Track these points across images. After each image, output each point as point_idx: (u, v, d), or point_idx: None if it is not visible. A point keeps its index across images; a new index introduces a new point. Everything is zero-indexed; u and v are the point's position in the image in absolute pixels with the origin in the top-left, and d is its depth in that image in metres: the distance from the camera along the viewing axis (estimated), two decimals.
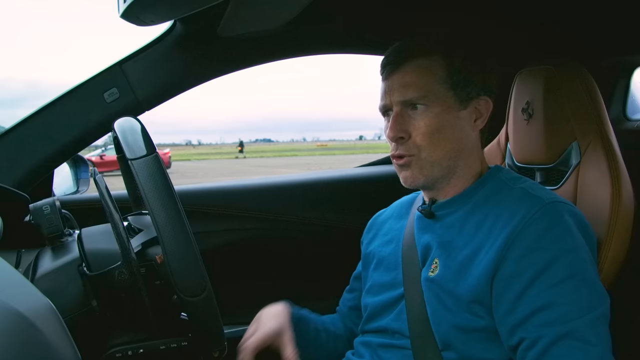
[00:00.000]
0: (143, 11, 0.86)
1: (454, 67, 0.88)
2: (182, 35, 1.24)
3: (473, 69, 0.89)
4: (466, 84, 0.88)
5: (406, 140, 0.88)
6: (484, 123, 0.92)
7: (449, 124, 0.87)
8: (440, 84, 0.87)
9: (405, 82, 0.87)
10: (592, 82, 1.04)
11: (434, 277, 0.86)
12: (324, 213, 1.53)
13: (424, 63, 0.88)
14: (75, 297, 0.80)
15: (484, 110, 0.91)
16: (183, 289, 0.67)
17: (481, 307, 0.81)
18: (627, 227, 0.93)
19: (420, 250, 0.92)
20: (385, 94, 0.90)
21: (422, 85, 0.87)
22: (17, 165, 1.18)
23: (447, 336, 0.83)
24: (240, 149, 37.91)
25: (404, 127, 0.88)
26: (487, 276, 0.80)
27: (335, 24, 1.36)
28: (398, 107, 0.88)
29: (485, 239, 0.82)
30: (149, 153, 0.71)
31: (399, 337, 0.91)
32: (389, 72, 0.90)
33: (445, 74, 0.87)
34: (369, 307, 0.99)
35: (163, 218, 0.68)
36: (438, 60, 0.88)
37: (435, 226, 0.92)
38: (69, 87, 1.23)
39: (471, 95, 0.89)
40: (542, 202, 0.81)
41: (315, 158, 30.51)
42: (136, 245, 0.81)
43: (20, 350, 0.45)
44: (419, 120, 0.87)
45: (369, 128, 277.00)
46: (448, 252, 0.87)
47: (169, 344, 0.81)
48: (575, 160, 1.03)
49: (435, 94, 0.86)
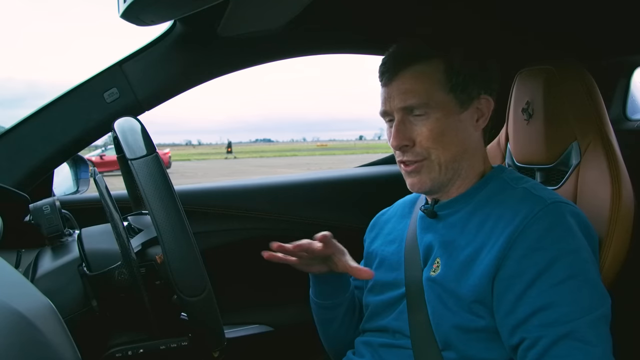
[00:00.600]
0: (143, 11, 0.86)
1: (453, 69, 0.87)
2: (182, 35, 1.24)
3: (472, 69, 0.89)
4: (466, 85, 0.88)
5: (411, 147, 0.88)
6: (486, 122, 0.91)
7: (450, 127, 0.87)
8: (440, 89, 0.87)
9: (405, 88, 0.87)
10: (592, 82, 1.04)
11: (436, 276, 0.87)
12: (324, 213, 1.53)
13: (422, 68, 0.87)
14: (75, 297, 0.80)
15: (485, 109, 0.90)
16: (183, 289, 0.67)
17: (482, 307, 0.81)
18: (627, 226, 0.93)
19: (422, 250, 0.92)
20: (386, 100, 0.90)
21: (421, 91, 0.86)
22: (17, 165, 1.18)
23: (448, 336, 0.83)
24: (229, 149, 37.77)
25: (407, 134, 0.87)
26: (488, 276, 0.80)
27: (336, 24, 1.36)
28: (399, 115, 0.88)
29: (487, 238, 0.82)
30: (149, 153, 0.71)
31: (399, 336, 0.91)
32: (387, 79, 0.89)
33: (444, 78, 0.87)
34: (371, 306, 0.99)
35: (163, 218, 0.67)
36: (437, 64, 0.87)
37: (438, 226, 0.92)
38: (68, 87, 1.23)
39: (472, 95, 0.89)
40: (544, 202, 0.81)
41: (315, 158, 30.51)
42: (136, 245, 0.81)
43: (20, 350, 0.45)
44: (421, 127, 0.87)
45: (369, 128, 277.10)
46: (450, 252, 0.87)
47: (169, 344, 0.81)
48: (576, 160, 1.03)
49: (435, 99, 0.86)
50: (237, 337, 1.45)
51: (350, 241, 1.18)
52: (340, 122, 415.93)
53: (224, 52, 1.29)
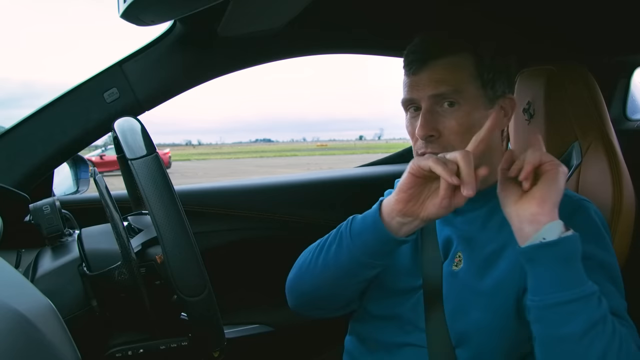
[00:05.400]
0: (143, 11, 0.86)
1: (484, 64, 0.86)
2: (182, 35, 1.24)
3: (501, 66, 0.88)
4: (495, 82, 0.87)
5: (436, 138, 0.85)
6: (509, 122, 0.91)
7: (478, 123, 0.85)
8: (471, 82, 0.85)
9: (437, 78, 0.84)
10: (593, 82, 1.04)
11: (458, 271, 0.86)
12: (324, 213, 1.53)
13: (455, 60, 0.85)
14: (75, 297, 0.80)
15: (509, 108, 0.90)
16: (183, 289, 0.67)
17: (501, 306, 0.81)
18: (629, 226, 0.94)
19: (442, 243, 0.91)
20: (412, 88, 0.87)
21: (453, 81, 0.84)
22: (17, 165, 1.18)
23: (463, 333, 0.83)
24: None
25: (434, 124, 0.85)
26: (513, 274, 0.80)
27: (336, 24, 1.36)
28: (427, 103, 0.85)
29: (512, 235, 0.80)
30: (149, 153, 0.71)
31: (411, 329, 0.89)
32: (416, 68, 0.86)
33: (475, 72, 0.85)
34: (385, 288, 0.93)
35: (163, 218, 0.67)
36: (468, 58, 0.86)
37: (456, 220, 0.91)
38: (68, 87, 1.23)
39: (498, 93, 0.88)
40: (572, 201, 0.83)
41: (315, 158, 30.50)
42: (136, 245, 0.81)
43: (20, 350, 0.45)
44: (451, 119, 0.85)
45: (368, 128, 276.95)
46: (472, 248, 0.86)
47: (169, 344, 0.81)
48: (577, 160, 1.03)
49: (466, 91, 0.85)
50: (237, 337, 1.45)
51: None
52: (340, 122, 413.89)
53: (224, 52, 1.28)
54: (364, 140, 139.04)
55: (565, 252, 0.70)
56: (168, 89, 1.27)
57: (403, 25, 1.35)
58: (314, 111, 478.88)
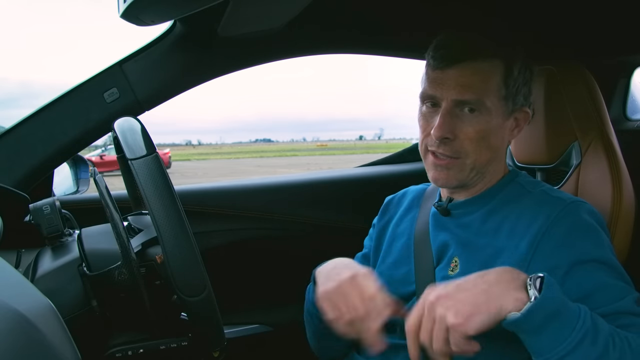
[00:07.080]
0: (143, 11, 0.86)
1: (512, 76, 0.85)
2: (182, 35, 1.24)
3: (526, 79, 0.88)
4: (517, 95, 0.87)
5: (451, 140, 0.85)
6: (519, 133, 0.92)
7: (493, 133, 0.86)
8: (496, 93, 0.85)
9: (464, 82, 0.83)
10: (593, 82, 1.04)
11: (454, 276, 0.86)
12: (324, 213, 1.53)
13: (485, 66, 0.84)
14: (75, 297, 0.80)
15: (522, 121, 0.90)
16: (183, 289, 0.67)
17: None
18: (628, 226, 0.94)
19: (436, 247, 0.91)
20: (436, 84, 0.85)
21: (480, 90, 0.83)
22: (17, 165, 1.18)
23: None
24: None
25: (451, 127, 0.84)
26: None
27: (336, 24, 1.36)
28: (449, 105, 0.84)
29: (508, 240, 0.83)
30: (149, 153, 0.71)
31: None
32: (445, 65, 0.84)
33: (502, 82, 0.85)
34: None
35: (163, 218, 0.68)
36: (498, 66, 0.85)
37: (450, 224, 0.92)
38: (67, 87, 1.23)
39: (517, 106, 0.88)
40: (564, 203, 0.83)
41: (315, 158, 30.51)
42: (136, 245, 0.81)
43: (20, 350, 0.45)
44: (469, 125, 0.84)
45: (368, 128, 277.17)
46: (469, 252, 0.86)
47: (169, 344, 0.81)
48: (576, 160, 1.03)
49: (490, 101, 0.84)
50: (237, 337, 1.45)
51: (350, 241, 1.19)
52: (340, 122, 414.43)
53: (224, 52, 1.28)
54: (364, 140, 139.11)
55: (540, 318, 0.66)
56: (168, 89, 1.27)
57: (403, 25, 1.35)
58: (314, 111, 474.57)
